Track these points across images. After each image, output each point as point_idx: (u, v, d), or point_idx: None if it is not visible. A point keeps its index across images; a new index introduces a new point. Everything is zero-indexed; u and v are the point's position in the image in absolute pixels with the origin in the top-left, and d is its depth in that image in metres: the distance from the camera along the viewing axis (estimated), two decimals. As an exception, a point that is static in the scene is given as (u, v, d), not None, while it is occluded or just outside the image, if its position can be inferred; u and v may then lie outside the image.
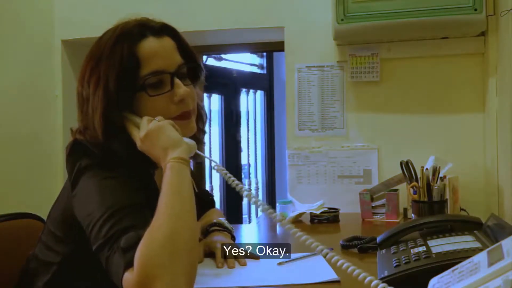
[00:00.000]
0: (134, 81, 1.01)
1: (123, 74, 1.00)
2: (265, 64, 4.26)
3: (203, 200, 1.44)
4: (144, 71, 1.01)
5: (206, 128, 1.22)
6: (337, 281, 1.06)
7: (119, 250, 0.85)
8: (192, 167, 1.31)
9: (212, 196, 1.58)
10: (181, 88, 1.03)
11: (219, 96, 3.78)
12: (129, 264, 0.82)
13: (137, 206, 0.93)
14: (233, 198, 3.83)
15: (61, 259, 1.07)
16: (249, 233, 1.98)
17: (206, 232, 1.37)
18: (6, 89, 2.56)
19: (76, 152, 1.02)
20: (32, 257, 1.15)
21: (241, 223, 3.81)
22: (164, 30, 1.08)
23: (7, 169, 2.55)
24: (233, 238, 1.38)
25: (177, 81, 1.03)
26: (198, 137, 1.15)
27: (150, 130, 0.97)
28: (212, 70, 3.56)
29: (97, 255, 0.90)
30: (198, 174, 3.20)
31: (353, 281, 1.11)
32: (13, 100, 2.56)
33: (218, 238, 1.32)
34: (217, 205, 1.64)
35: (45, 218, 1.47)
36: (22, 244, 1.29)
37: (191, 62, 1.10)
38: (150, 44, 1.03)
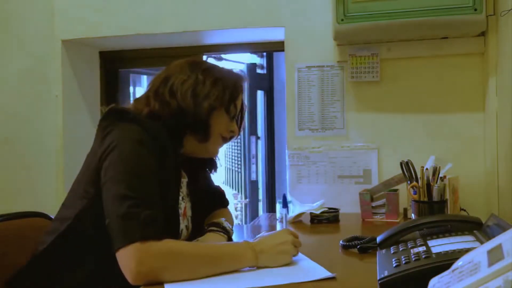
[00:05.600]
0: (229, 103, 1.36)
1: (230, 93, 1.36)
2: (265, 64, 4.26)
3: (214, 197, 1.53)
4: (236, 102, 1.39)
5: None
6: (333, 278, 1.06)
7: (139, 221, 1.04)
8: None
9: (225, 196, 1.58)
10: (238, 128, 1.43)
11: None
12: (144, 238, 1.03)
13: (154, 189, 1.12)
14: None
15: (78, 213, 1.18)
16: (249, 233, 1.98)
17: (204, 231, 1.37)
18: (6, 89, 2.57)
19: (113, 113, 1.23)
20: (48, 230, 1.25)
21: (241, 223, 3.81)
22: None
23: (7, 169, 2.56)
24: (229, 240, 1.38)
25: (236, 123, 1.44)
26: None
27: None
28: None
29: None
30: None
31: (348, 277, 1.12)
32: (13, 100, 2.56)
33: (210, 239, 1.32)
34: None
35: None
36: (29, 243, 1.28)
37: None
38: (242, 97, 1.45)
